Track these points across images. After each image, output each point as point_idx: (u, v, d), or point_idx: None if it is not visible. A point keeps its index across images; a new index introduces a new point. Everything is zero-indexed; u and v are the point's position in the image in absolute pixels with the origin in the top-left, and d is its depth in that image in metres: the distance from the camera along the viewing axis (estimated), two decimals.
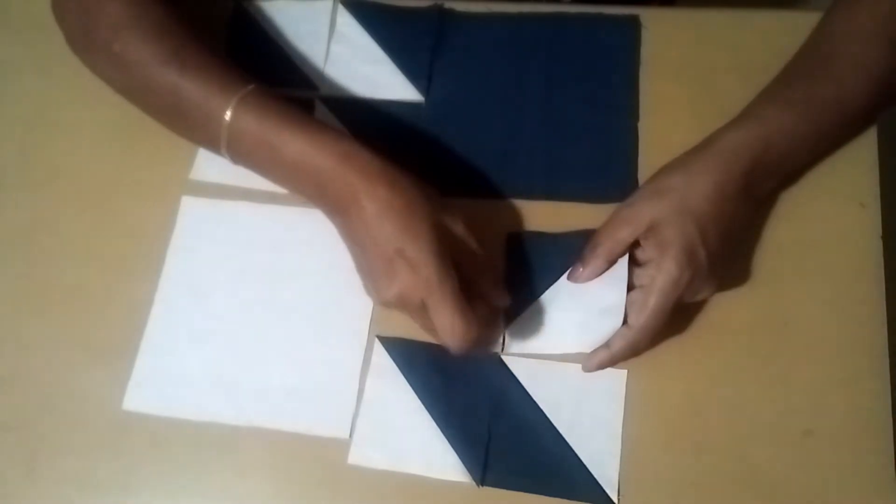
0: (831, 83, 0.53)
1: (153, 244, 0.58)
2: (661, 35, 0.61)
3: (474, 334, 0.47)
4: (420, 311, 0.48)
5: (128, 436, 0.53)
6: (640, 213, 0.51)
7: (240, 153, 0.52)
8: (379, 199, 0.48)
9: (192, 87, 0.52)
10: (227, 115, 0.51)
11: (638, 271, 0.51)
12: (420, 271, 0.46)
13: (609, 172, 0.57)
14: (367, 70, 0.62)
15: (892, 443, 0.49)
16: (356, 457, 0.51)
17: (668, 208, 0.50)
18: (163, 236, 0.58)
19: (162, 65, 0.52)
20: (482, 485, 0.50)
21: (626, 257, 0.51)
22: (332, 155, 0.49)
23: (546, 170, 0.58)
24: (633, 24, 0.61)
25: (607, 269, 0.51)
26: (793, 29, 0.57)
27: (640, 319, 0.49)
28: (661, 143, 0.57)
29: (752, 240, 0.55)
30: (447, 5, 0.63)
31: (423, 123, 0.60)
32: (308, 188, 0.51)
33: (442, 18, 0.63)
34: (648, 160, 0.57)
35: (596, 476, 0.50)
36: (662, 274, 0.48)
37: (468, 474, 0.50)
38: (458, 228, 0.50)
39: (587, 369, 0.52)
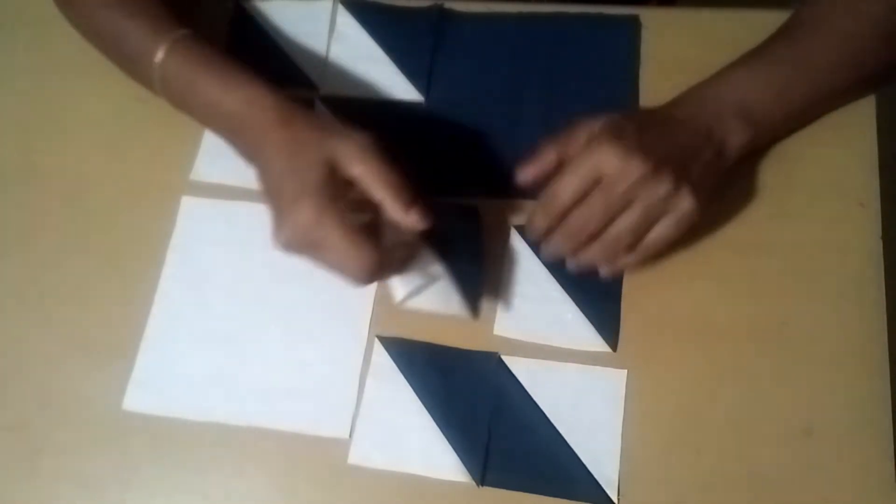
0: (794, 45, 0.53)
1: (153, 244, 0.58)
2: (661, 35, 0.61)
3: (372, 263, 0.45)
4: (317, 253, 0.46)
5: (128, 436, 0.53)
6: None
7: (172, 96, 0.55)
8: (273, 142, 0.48)
9: (131, 30, 0.55)
10: (158, 57, 0.53)
11: None
12: (302, 209, 0.45)
13: None
14: (367, 70, 0.62)
15: (892, 443, 0.49)
16: (356, 457, 0.51)
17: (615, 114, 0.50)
18: (163, 236, 0.58)
19: (104, 8, 0.56)
20: (482, 485, 0.50)
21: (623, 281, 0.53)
22: (238, 100, 0.51)
23: None
24: (633, 24, 0.61)
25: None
26: None
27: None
28: None
29: (753, 240, 0.55)
30: (447, 5, 0.63)
31: (423, 123, 0.60)
32: (225, 133, 0.53)
33: (442, 18, 0.63)
34: None
35: (596, 476, 0.50)
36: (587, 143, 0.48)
37: (468, 474, 0.50)
38: (355, 168, 0.47)
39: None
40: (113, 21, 0.55)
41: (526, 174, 0.51)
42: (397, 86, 0.61)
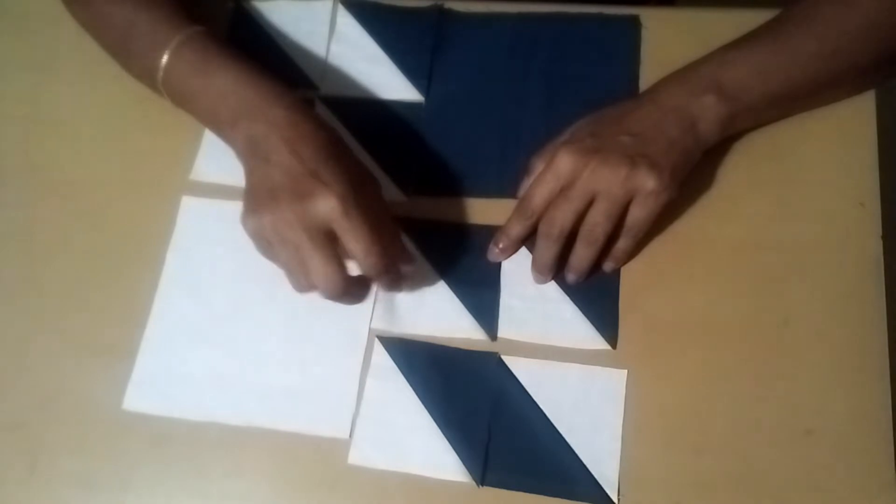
0: (769, 31, 0.54)
1: (153, 244, 0.58)
2: (661, 35, 0.61)
3: (388, 263, 0.48)
4: (315, 238, 0.47)
5: (128, 436, 0.53)
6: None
7: (171, 84, 0.54)
8: (299, 128, 0.49)
9: (143, 22, 0.55)
10: (170, 48, 0.54)
11: None
12: (334, 191, 0.47)
13: None
14: (367, 70, 0.62)
15: (892, 443, 0.49)
16: (356, 457, 0.51)
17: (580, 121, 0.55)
18: (163, 236, 0.58)
19: (116, 2, 0.56)
20: (482, 485, 0.50)
21: (620, 277, 0.53)
22: (259, 90, 0.52)
23: None
24: (633, 24, 0.61)
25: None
26: None
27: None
28: None
29: (753, 239, 0.55)
30: (447, 5, 0.63)
31: (423, 123, 0.60)
32: (226, 118, 0.52)
33: (442, 18, 0.63)
34: None
35: (596, 476, 0.50)
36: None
37: (468, 474, 0.50)
38: (373, 185, 0.52)
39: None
40: (123, 14, 0.56)
41: (524, 189, 0.55)
42: (397, 86, 0.61)
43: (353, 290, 0.49)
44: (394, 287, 0.53)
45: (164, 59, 0.54)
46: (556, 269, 0.54)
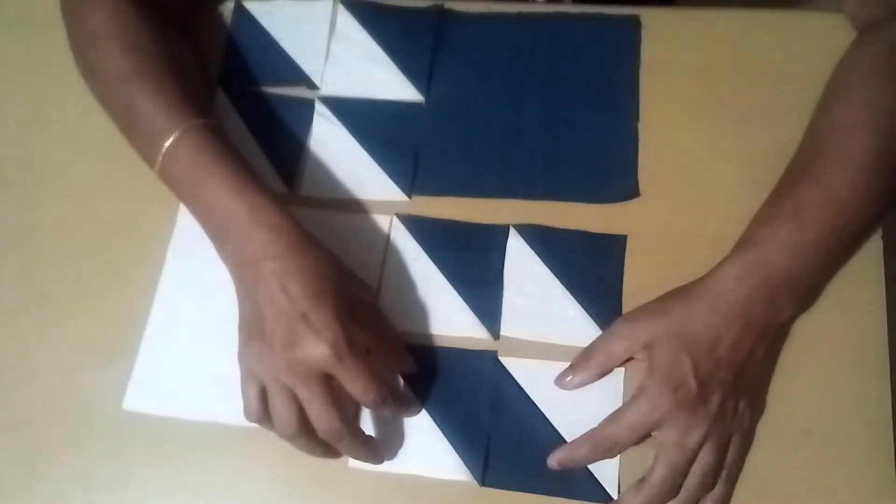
0: (816, 185, 0.50)
1: (153, 244, 0.58)
2: (661, 35, 0.61)
3: (387, 396, 0.47)
4: (311, 384, 0.46)
5: (128, 436, 0.53)
6: (638, 330, 0.50)
7: (169, 181, 0.53)
8: (284, 259, 0.47)
9: (144, 108, 0.52)
10: (168, 141, 0.51)
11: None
12: (325, 338, 0.45)
13: (609, 172, 0.57)
14: (367, 70, 0.62)
15: (892, 443, 0.49)
16: None
17: (663, 330, 0.49)
18: (163, 236, 0.58)
19: (122, 81, 0.53)
20: (482, 485, 0.50)
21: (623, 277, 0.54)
22: (244, 205, 0.49)
23: (546, 170, 0.58)
24: (633, 24, 0.61)
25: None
26: (794, 29, 0.57)
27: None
28: (661, 143, 0.57)
29: None
30: (447, 5, 0.63)
31: (423, 123, 0.60)
32: (216, 233, 0.51)
33: (442, 18, 0.63)
34: (648, 160, 0.57)
35: (596, 475, 0.50)
36: (643, 394, 0.48)
37: (469, 474, 0.50)
38: (367, 296, 0.51)
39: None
40: (127, 95, 0.53)
41: (566, 385, 0.52)
42: (397, 86, 0.61)
43: (350, 434, 0.47)
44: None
45: (161, 155, 0.52)
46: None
